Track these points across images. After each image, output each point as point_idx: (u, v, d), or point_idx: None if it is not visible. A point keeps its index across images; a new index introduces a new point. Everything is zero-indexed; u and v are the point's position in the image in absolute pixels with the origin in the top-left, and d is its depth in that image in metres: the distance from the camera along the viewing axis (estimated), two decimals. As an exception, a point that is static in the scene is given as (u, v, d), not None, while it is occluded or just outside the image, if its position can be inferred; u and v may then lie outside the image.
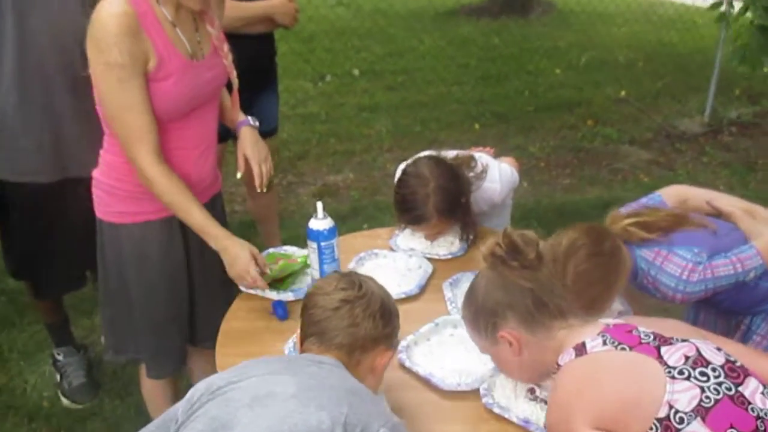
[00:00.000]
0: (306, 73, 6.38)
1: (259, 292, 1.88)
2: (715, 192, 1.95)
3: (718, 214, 1.85)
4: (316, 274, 1.87)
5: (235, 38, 2.46)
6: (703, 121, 5.36)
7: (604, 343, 1.23)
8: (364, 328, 1.31)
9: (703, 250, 1.68)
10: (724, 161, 4.80)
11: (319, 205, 1.85)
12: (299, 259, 2.01)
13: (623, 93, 6.00)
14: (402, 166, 2.22)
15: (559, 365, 1.28)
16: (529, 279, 1.35)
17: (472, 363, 1.61)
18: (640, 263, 1.72)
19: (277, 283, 1.92)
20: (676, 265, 1.65)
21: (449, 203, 2.01)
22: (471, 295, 1.43)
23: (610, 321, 1.31)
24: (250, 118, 2.00)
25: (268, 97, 2.87)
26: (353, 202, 4.22)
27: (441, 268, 2.03)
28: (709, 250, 1.70)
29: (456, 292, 1.89)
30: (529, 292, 1.34)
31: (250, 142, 1.95)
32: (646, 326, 1.26)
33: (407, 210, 2.04)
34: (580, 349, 1.25)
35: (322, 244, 1.84)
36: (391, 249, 2.15)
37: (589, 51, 6.91)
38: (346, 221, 3.96)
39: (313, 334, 1.33)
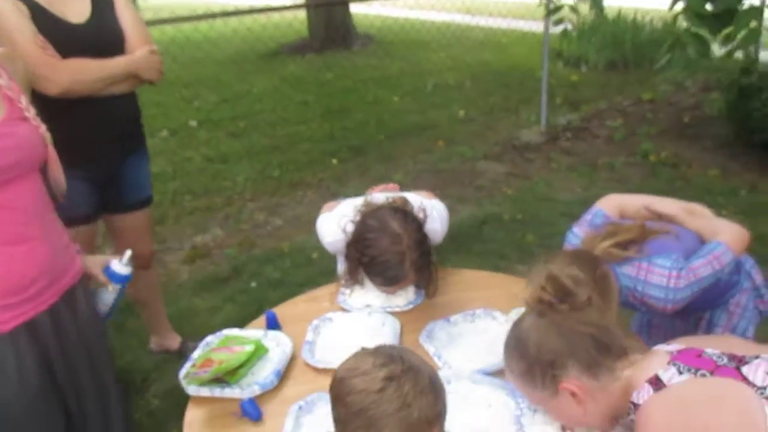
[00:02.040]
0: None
1: (215, 393, 1.59)
2: (647, 196, 1.96)
3: (658, 217, 1.87)
4: (105, 309, 1.74)
5: (97, 102, 2.21)
6: (540, 130, 5.72)
7: (680, 372, 1.16)
8: (418, 409, 1.10)
9: (679, 255, 1.67)
10: (570, 165, 5.13)
11: (128, 252, 1.74)
12: (248, 346, 1.70)
13: (462, 113, 6.26)
14: (332, 222, 2.01)
15: (635, 404, 1.19)
16: (586, 323, 1.26)
17: (490, 420, 1.47)
18: (623, 281, 1.67)
19: (228, 376, 1.62)
20: (660, 276, 1.62)
21: (425, 258, 1.86)
22: (520, 347, 1.31)
23: (672, 348, 1.25)
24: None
25: (140, 162, 2.52)
26: (231, 261, 3.91)
27: (405, 321, 1.87)
28: (683, 254, 1.69)
29: (436, 345, 1.74)
30: (589, 338, 1.25)
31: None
32: (704, 346, 1.21)
33: (381, 272, 1.84)
34: (656, 383, 1.16)
35: (125, 285, 1.76)
36: (344, 310, 1.95)
37: (434, 77, 7.14)
38: (229, 283, 3.67)
39: (359, 428, 1.12)
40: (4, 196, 1.40)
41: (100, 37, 2.19)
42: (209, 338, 1.79)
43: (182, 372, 1.62)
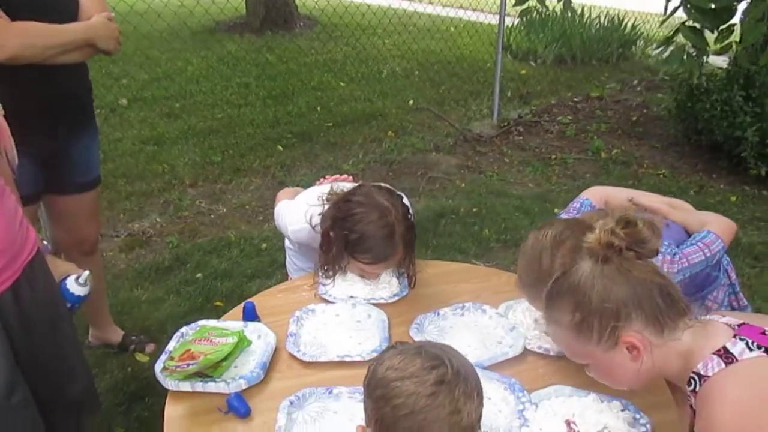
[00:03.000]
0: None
1: (197, 388, 1.44)
2: (632, 190, 1.95)
3: (643, 210, 1.82)
4: None
5: (46, 71, 1.95)
6: (493, 123, 5.61)
7: (749, 348, 1.07)
8: (467, 413, 1.06)
9: (671, 242, 1.64)
10: (523, 160, 5.04)
11: (86, 272, 1.63)
12: (231, 338, 1.53)
13: (411, 102, 6.07)
14: (297, 209, 1.93)
15: (701, 375, 1.10)
16: (655, 272, 1.19)
17: (491, 415, 1.35)
18: None
19: (209, 370, 1.46)
20: (653, 260, 1.54)
21: (411, 232, 1.77)
22: (575, 295, 1.20)
23: (730, 321, 1.16)
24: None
25: (90, 140, 2.30)
26: (174, 250, 3.60)
27: (392, 313, 1.73)
28: (674, 241, 1.67)
29: (427, 338, 1.61)
30: (657, 288, 1.17)
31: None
32: (757, 323, 1.13)
33: (370, 248, 1.72)
34: (726, 356, 1.08)
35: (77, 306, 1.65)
36: (326, 301, 1.78)
37: (380, 64, 6.92)
38: (172, 273, 3.37)
39: (405, 430, 1.07)
40: None
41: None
42: (183, 329, 1.64)
43: (158, 365, 1.48)
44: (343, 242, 1.72)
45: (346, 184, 1.98)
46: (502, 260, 3.56)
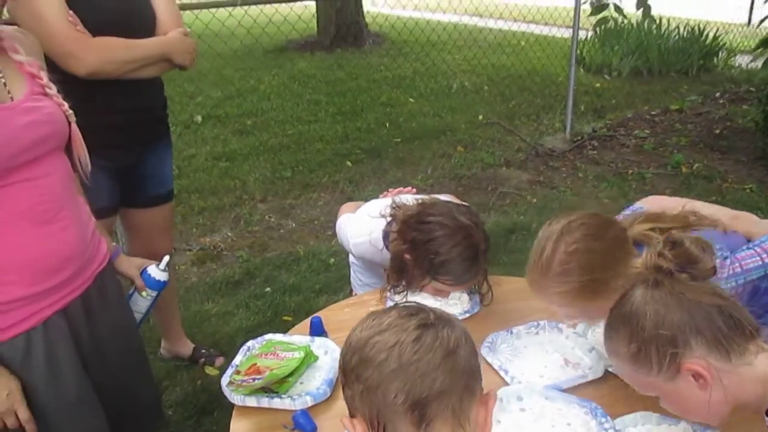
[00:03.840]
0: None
1: (263, 404, 1.40)
2: (691, 200, 1.77)
3: (700, 220, 1.66)
4: (138, 315, 1.66)
5: (125, 86, 1.98)
6: (566, 137, 5.45)
7: None
8: (464, 354, 0.92)
9: (723, 246, 1.49)
10: (598, 175, 4.87)
11: (166, 258, 1.68)
12: (297, 352, 1.49)
13: (481, 117, 5.99)
14: (360, 222, 1.88)
15: None
16: (711, 293, 1.10)
17: None
18: None
19: (276, 385, 1.43)
20: None
21: (488, 252, 1.69)
22: (629, 325, 1.12)
23: None
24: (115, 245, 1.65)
25: (164, 154, 2.32)
26: (244, 264, 3.62)
27: None
28: (727, 247, 1.51)
29: (500, 358, 1.54)
30: (717, 310, 1.08)
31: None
32: None
33: (453, 270, 1.64)
34: None
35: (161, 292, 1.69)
36: None
37: (450, 79, 6.89)
38: (242, 287, 3.39)
39: (398, 392, 0.88)
40: (34, 173, 1.32)
41: (131, 16, 1.99)
42: (250, 343, 1.61)
43: (225, 379, 1.46)
44: (426, 265, 1.65)
45: (408, 197, 1.93)
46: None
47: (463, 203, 1.81)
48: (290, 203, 4.42)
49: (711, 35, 7.62)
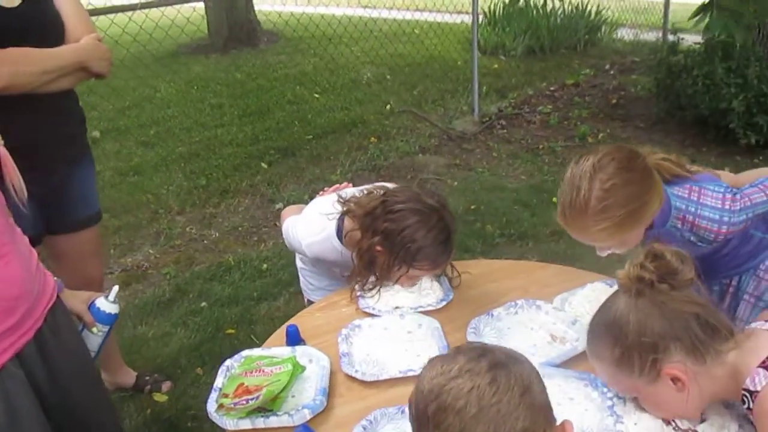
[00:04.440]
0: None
1: (257, 425, 1.32)
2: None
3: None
4: (91, 354, 1.56)
5: (38, 100, 1.82)
6: (474, 120, 5.56)
7: None
8: (539, 389, 0.94)
9: (728, 184, 1.58)
10: (511, 153, 4.99)
11: (115, 288, 1.59)
12: (284, 365, 1.42)
13: (388, 107, 6.00)
14: (310, 222, 1.84)
15: (752, 392, 1.07)
16: (690, 301, 1.16)
17: (579, 415, 1.28)
18: (675, 203, 1.53)
19: (268, 403, 1.35)
20: (714, 198, 1.51)
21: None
22: (613, 331, 1.18)
23: None
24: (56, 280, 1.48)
25: (87, 172, 2.15)
26: (172, 281, 3.45)
27: (442, 320, 1.64)
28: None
29: (487, 342, 1.51)
30: (694, 318, 1.15)
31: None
32: None
33: (431, 253, 1.62)
34: None
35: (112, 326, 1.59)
36: (370, 315, 1.68)
37: (351, 72, 6.85)
38: (175, 305, 3.23)
39: None
40: None
41: (37, 22, 1.82)
42: (228, 362, 1.53)
43: (211, 405, 1.37)
44: (402, 254, 1.61)
45: (351, 190, 1.90)
46: (509, 255, 3.48)
47: (425, 186, 1.79)
48: (210, 212, 4.26)
49: (593, 11, 7.99)
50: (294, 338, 1.57)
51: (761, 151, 4.43)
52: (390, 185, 1.89)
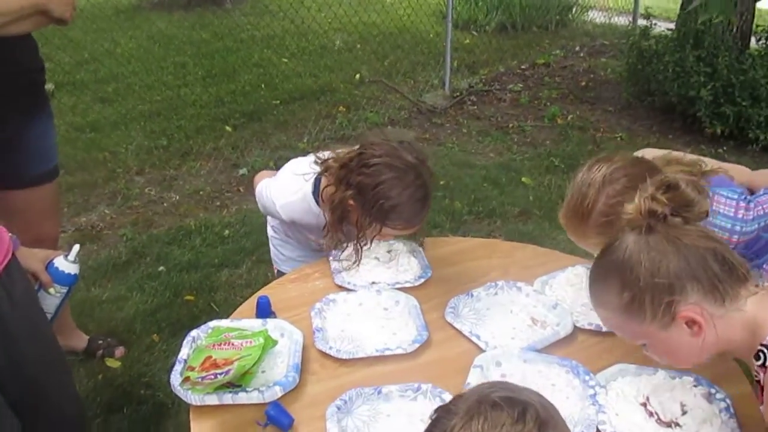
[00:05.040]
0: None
1: (225, 400, 1.25)
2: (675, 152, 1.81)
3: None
4: (48, 316, 1.48)
5: None
6: (445, 94, 5.49)
7: None
8: None
9: (743, 191, 1.52)
10: (481, 130, 4.95)
11: (76, 247, 1.53)
12: (255, 339, 1.34)
13: (358, 76, 5.88)
14: (285, 182, 1.76)
15: None
16: (707, 236, 1.08)
17: (560, 402, 1.22)
18: None
19: (238, 378, 1.28)
20: (727, 205, 1.46)
21: None
22: (622, 274, 1.09)
23: None
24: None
25: (45, 124, 2.02)
26: (129, 243, 3.33)
27: (420, 297, 1.58)
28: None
29: (467, 323, 1.49)
30: (712, 254, 1.06)
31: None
32: None
33: (405, 211, 1.55)
34: None
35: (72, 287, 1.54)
36: (345, 289, 1.62)
37: (321, 38, 6.68)
38: (131, 268, 3.12)
39: None
40: None
41: None
42: (194, 333, 1.44)
43: (175, 378, 1.30)
44: (374, 212, 1.54)
45: (328, 153, 1.78)
46: (477, 233, 3.46)
47: (406, 140, 1.69)
48: (171, 174, 4.11)
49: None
50: (265, 310, 1.50)
51: (726, 141, 4.48)
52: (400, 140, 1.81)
